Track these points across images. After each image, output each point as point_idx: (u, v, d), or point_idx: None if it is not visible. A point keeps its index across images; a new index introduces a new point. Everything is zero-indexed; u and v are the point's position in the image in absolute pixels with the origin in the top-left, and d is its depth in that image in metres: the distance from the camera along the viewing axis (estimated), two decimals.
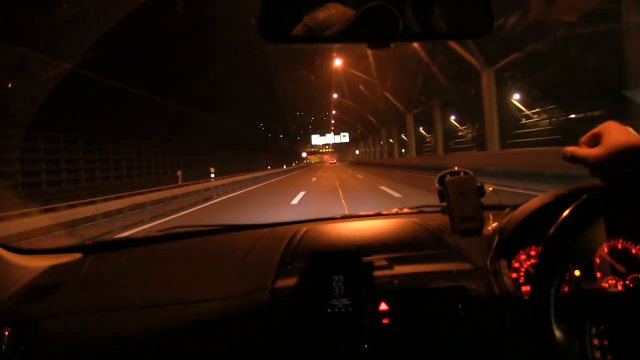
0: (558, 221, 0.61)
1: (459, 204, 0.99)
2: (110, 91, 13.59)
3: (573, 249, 0.61)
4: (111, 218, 7.92)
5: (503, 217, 0.97)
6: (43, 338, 0.85)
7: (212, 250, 1.13)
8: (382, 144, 42.16)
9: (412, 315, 0.82)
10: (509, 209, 1.02)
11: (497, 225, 0.97)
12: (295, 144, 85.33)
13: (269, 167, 39.07)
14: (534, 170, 10.25)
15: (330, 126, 76.29)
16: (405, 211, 1.35)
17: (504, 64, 14.07)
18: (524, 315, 0.80)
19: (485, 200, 1.00)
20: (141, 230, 7.09)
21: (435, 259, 0.95)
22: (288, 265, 0.97)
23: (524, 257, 0.90)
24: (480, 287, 0.85)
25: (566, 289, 0.85)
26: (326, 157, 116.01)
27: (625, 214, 0.86)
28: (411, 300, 0.84)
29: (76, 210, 7.42)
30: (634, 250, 0.87)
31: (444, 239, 1.04)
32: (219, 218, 8.69)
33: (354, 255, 0.77)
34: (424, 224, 1.14)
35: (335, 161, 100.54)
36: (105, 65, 12.15)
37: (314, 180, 20.78)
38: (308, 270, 0.79)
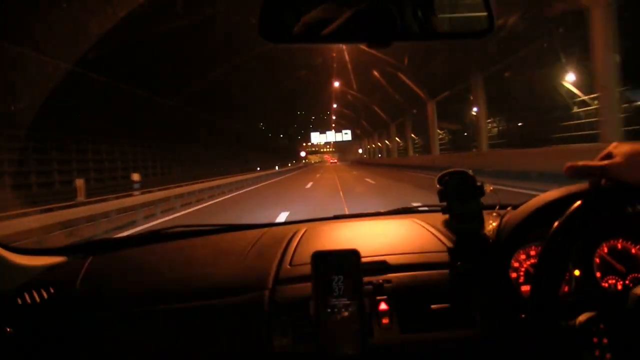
0: (558, 221, 0.61)
1: (458, 204, 0.99)
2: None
3: (573, 249, 0.61)
4: None
5: (503, 217, 0.97)
6: (43, 338, 0.85)
7: (212, 249, 1.13)
8: (391, 141, 37.48)
9: (412, 315, 0.82)
10: (509, 208, 1.02)
11: (497, 225, 0.97)
12: (293, 142, 79.28)
13: (259, 169, 33.29)
14: None
15: (331, 122, 71.54)
16: (405, 211, 1.35)
17: None
18: (524, 315, 0.80)
19: (485, 200, 1.00)
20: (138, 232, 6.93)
21: (435, 258, 0.95)
22: (288, 265, 0.97)
23: (524, 257, 0.90)
24: (480, 287, 0.85)
25: (566, 289, 0.86)
26: (327, 157, 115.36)
27: (625, 214, 0.86)
28: (411, 300, 0.84)
29: None
30: (633, 250, 0.87)
31: (443, 238, 1.04)
32: None
33: (353, 255, 0.77)
34: (423, 224, 1.14)
35: (335, 161, 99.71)
36: (102, 64, 11.76)
37: (309, 187, 15.22)
38: (308, 269, 0.79)
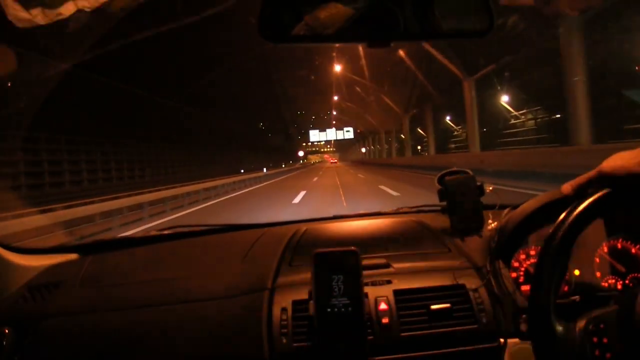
0: (558, 221, 0.61)
1: (458, 204, 0.99)
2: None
3: (573, 249, 0.61)
4: None
5: (503, 217, 0.97)
6: (43, 338, 0.85)
7: (212, 249, 1.13)
8: (405, 138, 32.43)
9: (412, 315, 0.82)
10: (509, 208, 1.02)
11: (497, 224, 0.97)
12: (289, 140, 72.78)
13: (242, 171, 26.33)
14: None
15: (332, 119, 63.98)
16: (405, 210, 1.35)
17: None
18: (524, 315, 0.80)
19: (485, 200, 1.00)
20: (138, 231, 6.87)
21: (435, 258, 0.96)
22: (288, 264, 0.97)
23: (523, 257, 0.90)
24: (480, 287, 0.85)
25: (566, 288, 0.86)
26: (327, 157, 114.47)
27: (625, 213, 0.86)
28: (411, 299, 0.84)
29: None
30: (633, 250, 0.87)
31: (443, 238, 1.04)
32: None
33: (354, 254, 0.77)
34: (423, 223, 1.14)
35: (336, 161, 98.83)
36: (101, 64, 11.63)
37: (297, 203, 9.50)
38: (308, 269, 0.79)
